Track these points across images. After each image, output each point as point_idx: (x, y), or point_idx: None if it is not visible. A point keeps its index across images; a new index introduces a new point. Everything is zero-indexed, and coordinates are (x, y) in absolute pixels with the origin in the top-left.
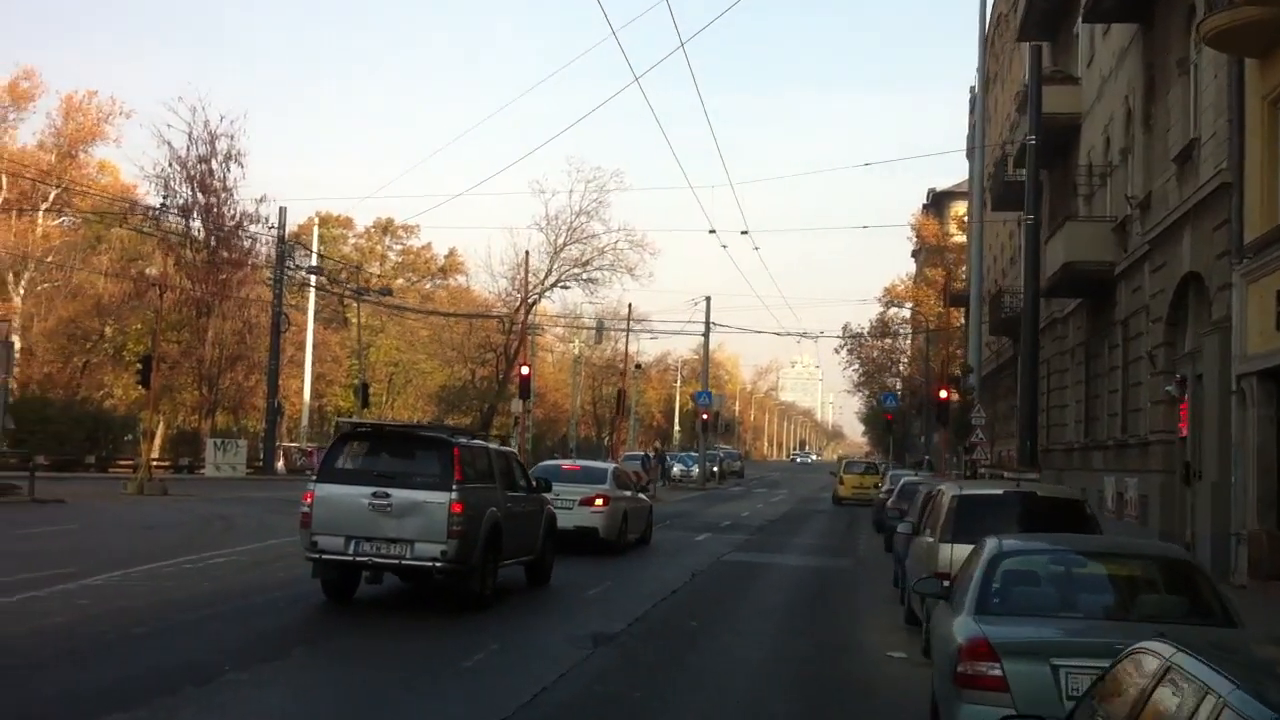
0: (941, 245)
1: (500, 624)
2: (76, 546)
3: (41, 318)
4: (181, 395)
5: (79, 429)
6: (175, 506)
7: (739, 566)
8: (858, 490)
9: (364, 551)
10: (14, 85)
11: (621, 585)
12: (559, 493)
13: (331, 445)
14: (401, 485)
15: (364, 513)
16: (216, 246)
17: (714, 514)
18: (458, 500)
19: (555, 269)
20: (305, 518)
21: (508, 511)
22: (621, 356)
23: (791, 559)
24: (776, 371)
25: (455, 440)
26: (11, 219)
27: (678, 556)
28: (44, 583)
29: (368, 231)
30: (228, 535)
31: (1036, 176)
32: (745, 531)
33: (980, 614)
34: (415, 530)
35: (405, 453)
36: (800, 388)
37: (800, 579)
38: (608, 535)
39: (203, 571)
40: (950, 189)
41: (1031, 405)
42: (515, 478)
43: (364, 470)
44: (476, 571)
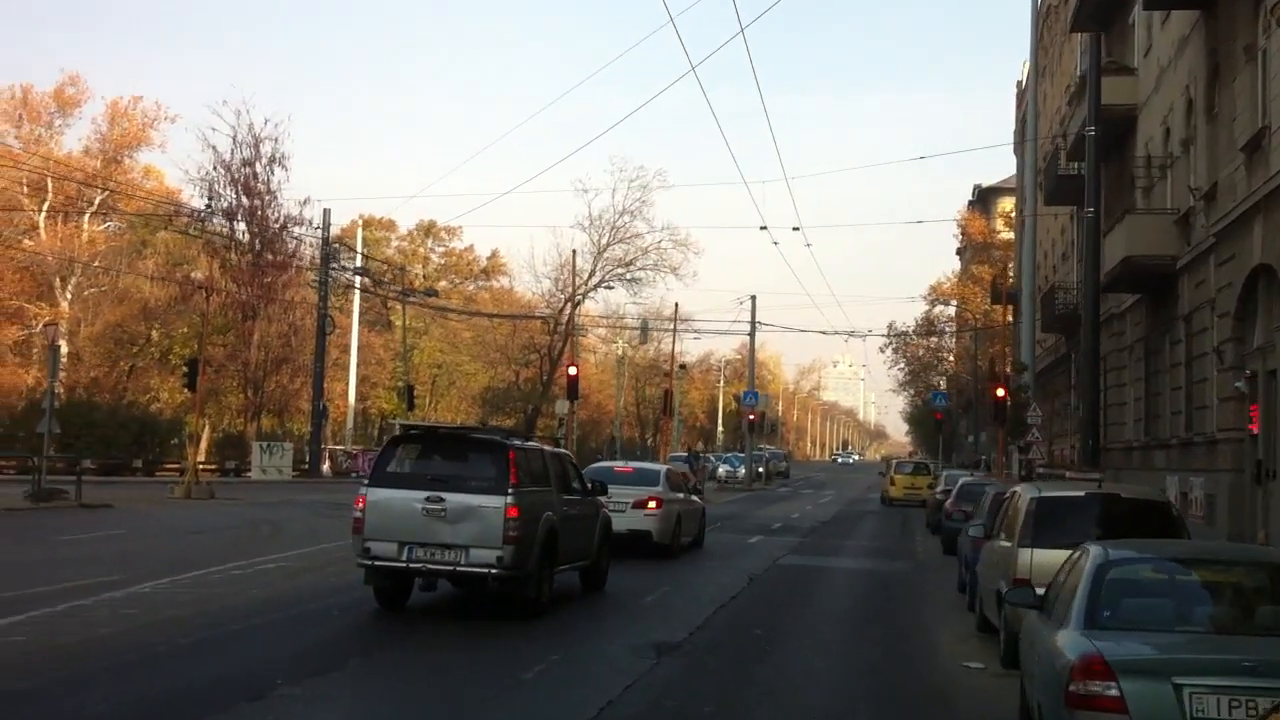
0: (988, 242)
1: (559, 632)
2: (124, 552)
3: (89, 322)
4: (227, 398)
5: (125, 433)
6: (222, 510)
7: (796, 570)
8: (909, 491)
9: (418, 558)
10: (60, 91)
11: (678, 590)
12: (611, 495)
13: (384, 448)
14: (456, 489)
15: (418, 518)
16: (261, 250)
17: (764, 516)
18: (513, 504)
19: (599, 269)
20: (357, 523)
21: (563, 515)
22: (664, 357)
23: (848, 562)
24: (819, 371)
25: (510, 443)
26: (58, 224)
27: (732, 560)
28: (91, 591)
29: (410, 234)
30: (276, 540)
31: (1096, 168)
32: (797, 534)
33: (1090, 628)
34: (470, 535)
35: (459, 456)
36: (842, 387)
37: (860, 583)
38: (661, 539)
39: (252, 578)
40: (997, 185)
41: (1093, 403)
42: (570, 481)
43: (417, 474)
44: (533, 578)
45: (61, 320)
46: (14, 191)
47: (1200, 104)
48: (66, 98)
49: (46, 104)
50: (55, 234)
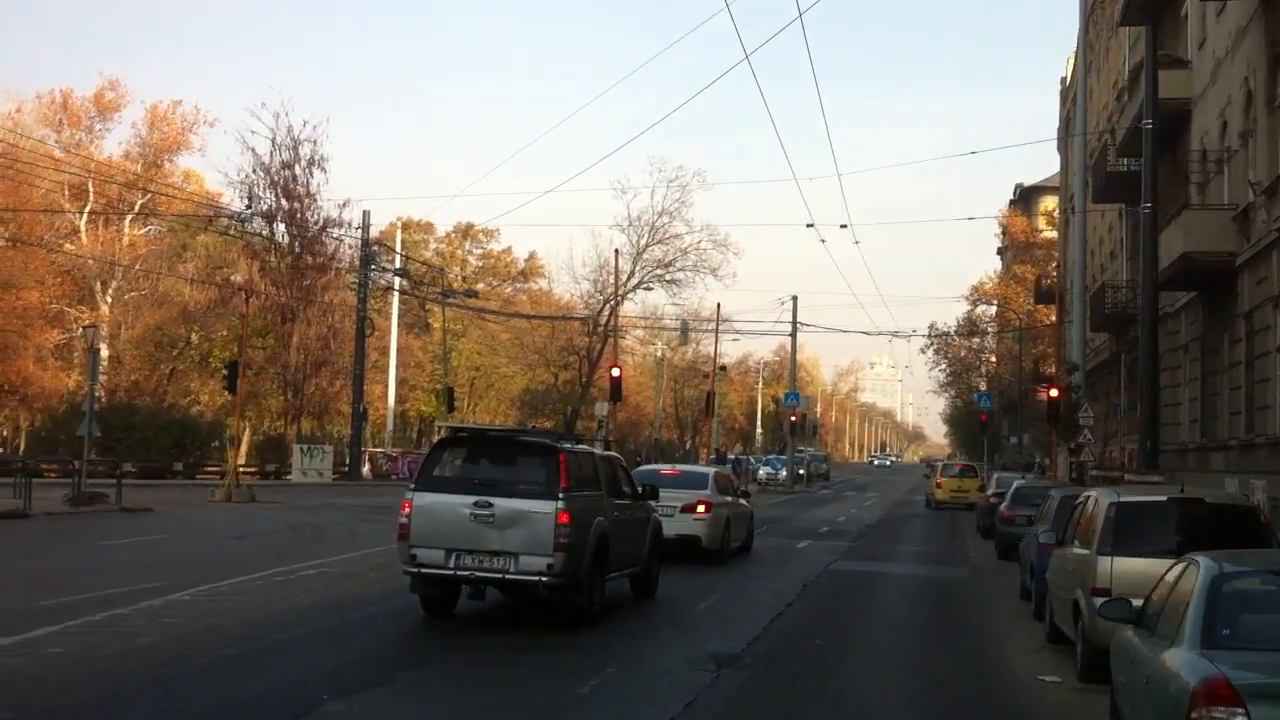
0: (1030, 241)
1: (612, 643)
2: (163, 558)
3: (129, 325)
4: (267, 401)
5: (165, 436)
6: (263, 514)
7: (850, 577)
8: (955, 494)
9: (465, 565)
10: (99, 96)
11: (731, 598)
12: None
13: (430, 452)
14: (505, 494)
15: (465, 524)
16: (300, 252)
17: (809, 519)
18: (564, 510)
19: (638, 270)
20: (403, 529)
21: (615, 521)
22: (703, 359)
23: (902, 568)
24: (857, 373)
25: (560, 446)
26: (99, 228)
27: (783, 565)
28: (130, 599)
29: (448, 236)
30: (318, 544)
31: (1153, 162)
32: (846, 538)
33: (1207, 648)
34: (520, 542)
35: (508, 459)
36: (880, 389)
37: (917, 590)
38: (710, 544)
39: (294, 584)
40: (1039, 184)
41: (1152, 404)
42: (620, 485)
43: (465, 478)
44: (584, 586)
45: (102, 324)
46: (55, 195)
47: (1260, 96)
48: (106, 102)
49: (87, 108)
50: (96, 238)
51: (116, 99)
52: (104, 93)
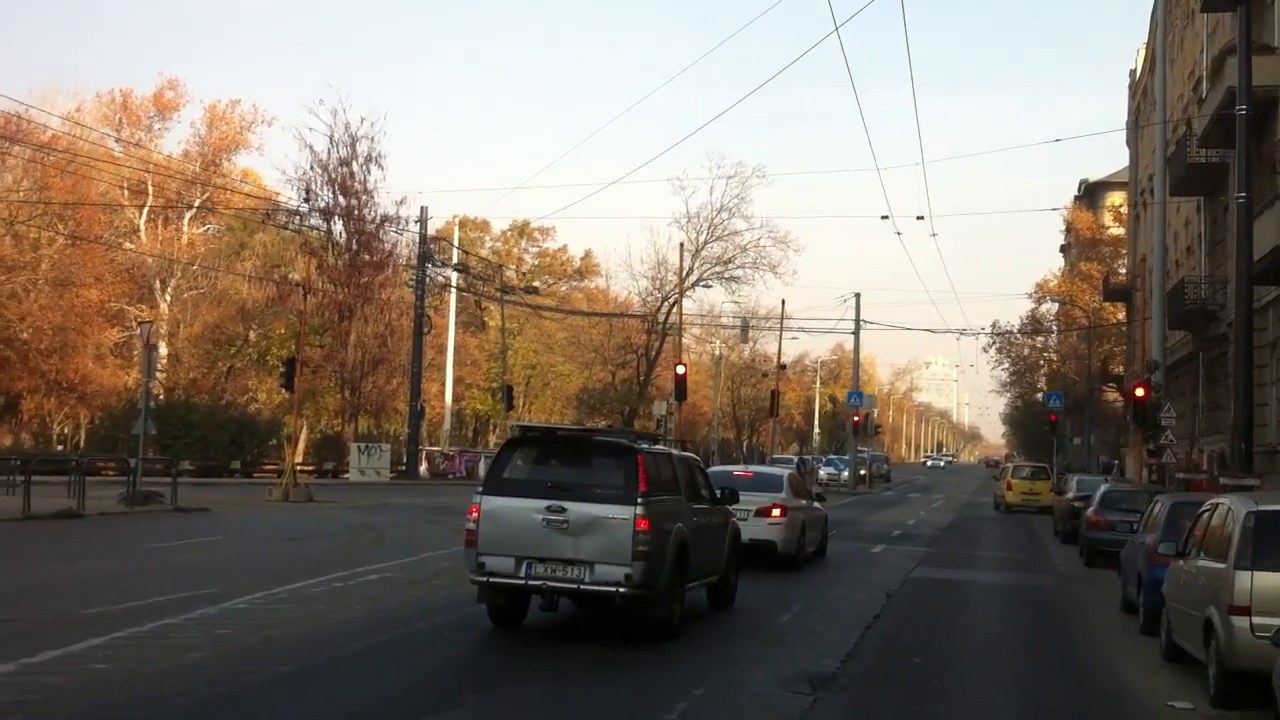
0: (1096, 238)
1: (694, 660)
2: (218, 562)
3: (187, 323)
4: (324, 399)
5: (222, 434)
6: (321, 515)
7: (933, 585)
8: (1027, 496)
9: (537, 574)
10: (159, 95)
11: (813, 608)
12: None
13: (499, 452)
14: (579, 498)
15: (537, 530)
16: (358, 250)
17: (878, 522)
18: (643, 515)
19: (696, 267)
20: (470, 535)
21: (694, 527)
22: (760, 357)
23: (986, 575)
24: (913, 372)
25: (638, 446)
26: (158, 227)
27: (860, 572)
28: (183, 606)
29: (504, 234)
30: (378, 548)
31: (1247, 150)
32: (920, 542)
33: None
34: (596, 550)
35: (582, 461)
36: (935, 388)
37: (1008, 600)
38: (786, 549)
39: (353, 591)
40: (1105, 179)
41: (1246, 403)
42: (699, 488)
43: (536, 481)
44: (664, 597)
45: (161, 322)
46: (114, 194)
47: None
48: (166, 101)
49: (146, 108)
50: (155, 236)
51: (176, 98)
52: (163, 92)
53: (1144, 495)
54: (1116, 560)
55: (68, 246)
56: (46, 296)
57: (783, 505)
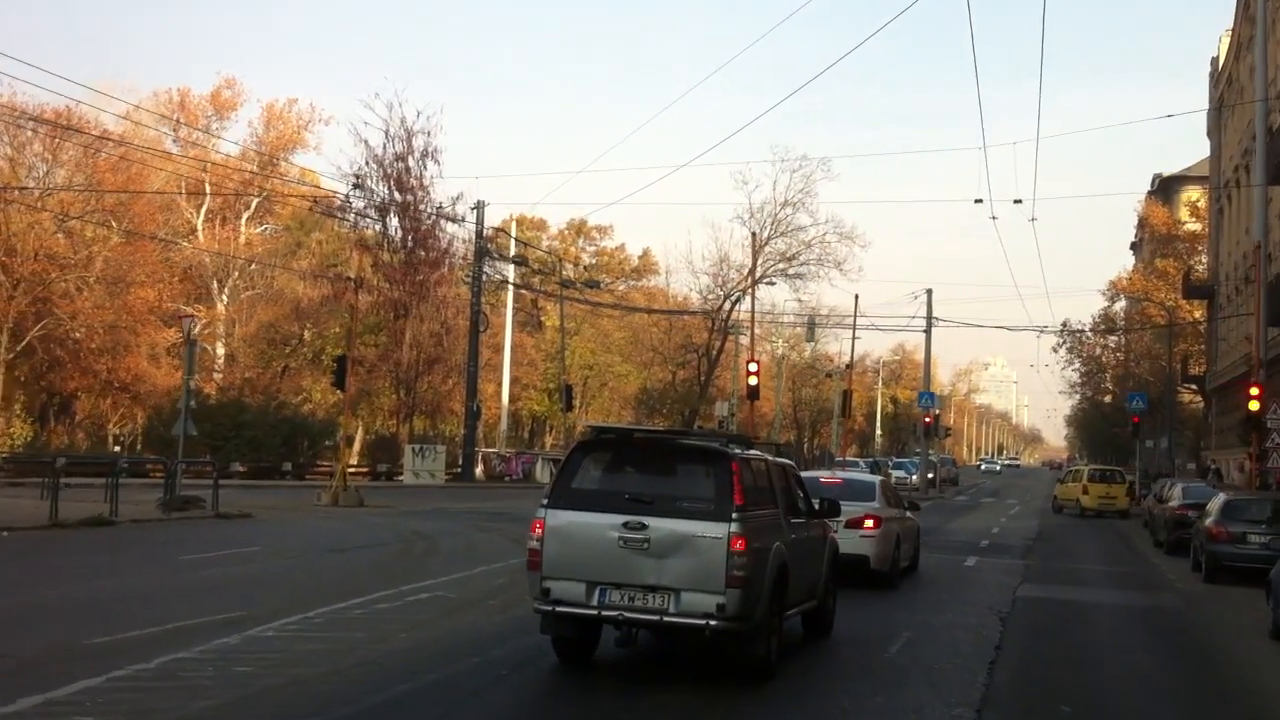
0: (1172, 234)
1: (799, 706)
2: (253, 577)
3: (243, 323)
4: (379, 399)
5: (275, 435)
6: (370, 521)
7: (1047, 607)
8: (1103, 500)
9: (612, 603)
10: (216, 94)
11: (924, 638)
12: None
13: (567, 458)
14: (662, 514)
15: (612, 550)
16: (414, 246)
17: (960, 530)
18: (739, 534)
19: (759, 264)
20: (534, 556)
21: (792, 545)
22: (823, 357)
23: (1100, 593)
24: (973, 374)
25: (731, 451)
26: (215, 227)
27: (961, 590)
28: (202, 634)
29: (561, 233)
30: (430, 560)
31: None
32: (1013, 554)
33: None
34: (682, 575)
35: (665, 469)
36: (994, 390)
37: (1136, 625)
38: (879, 565)
39: (400, 615)
40: (1180, 173)
41: None
42: (796, 499)
43: (611, 492)
44: (761, 630)
45: (218, 321)
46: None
47: None
48: (223, 101)
49: (204, 107)
50: (213, 236)
51: (233, 98)
52: (221, 91)
53: (1269, 504)
54: (1242, 576)
55: (121, 245)
56: (99, 296)
57: (877, 516)
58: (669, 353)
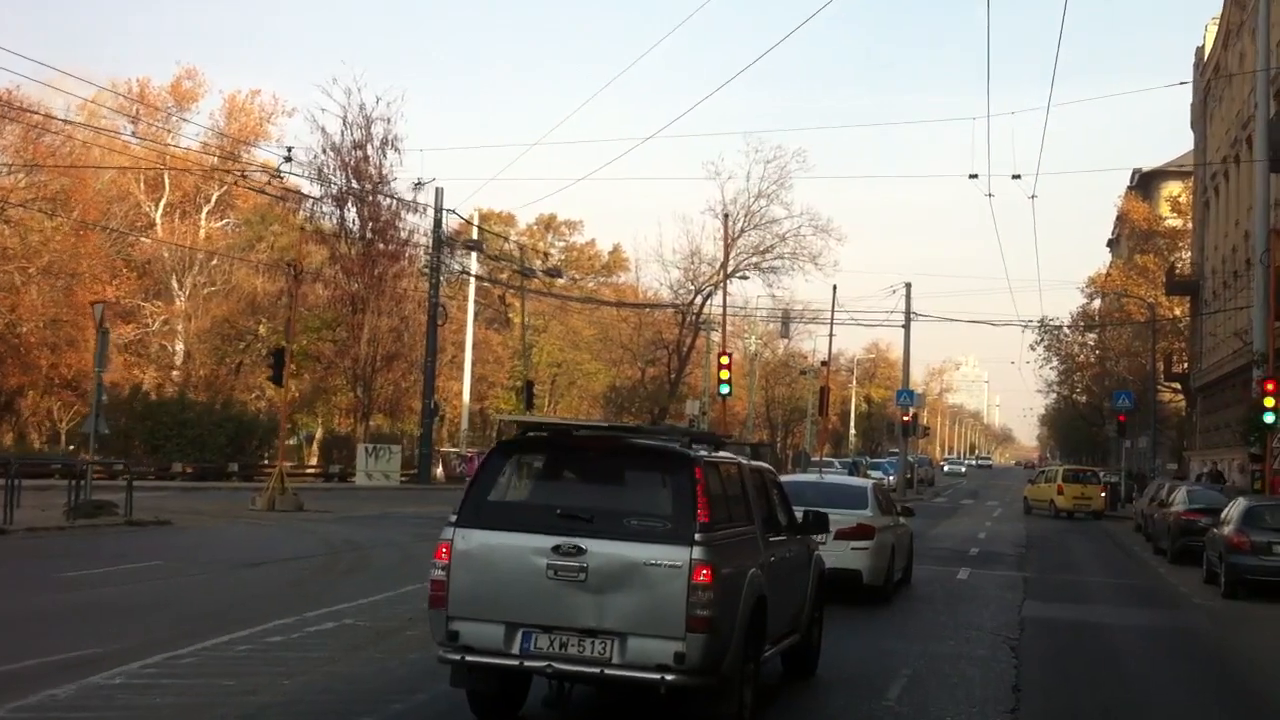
0: (1152, 229)
1: None
2: (134, 601)
3: (197, 318)
4: (337, 397)
5: (220, 434)
6: (303, 528)
7: (1060, 630)
8: (1079, 501)
9: (539, 651)
10: (176, 85)
11: (928, 675)
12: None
13: (484, 462)
14: (605, 534)
15: (539, 582)
16: (372, 238)
17: (946, 536)
18: (705, 560)
19: (732, 258)
20: (438, 589)
21: (772, 570)
22: (797, 355)
23: (1115, 613)
24: (945, 373)
25: (695, 454)
26: (175, 220)
27: (961, 611)
28: (27, 683)
29: (530, 228)
30: (355, 575)
31: None
32: (1007, 564)
33: None
34: (629, 615)
35: (611, 476)
36: (966, 389)
37: (1170, 654)
38: (873, 579)
39: (293, 651)
40: (1160, 168)
41: None
42: (775, 511)
43: (539, 506)
44: (732, 682)
45: (176, 318)
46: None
47: None
48: (184, 92)
49: (163, 99)
50: (172, 231)
51: (194, 89)
52: (181, 82)
53: None
54: (1266, 590)
55: (70, 237)
56: (45, 289)
57: (869, 525)
58: (638, 349)
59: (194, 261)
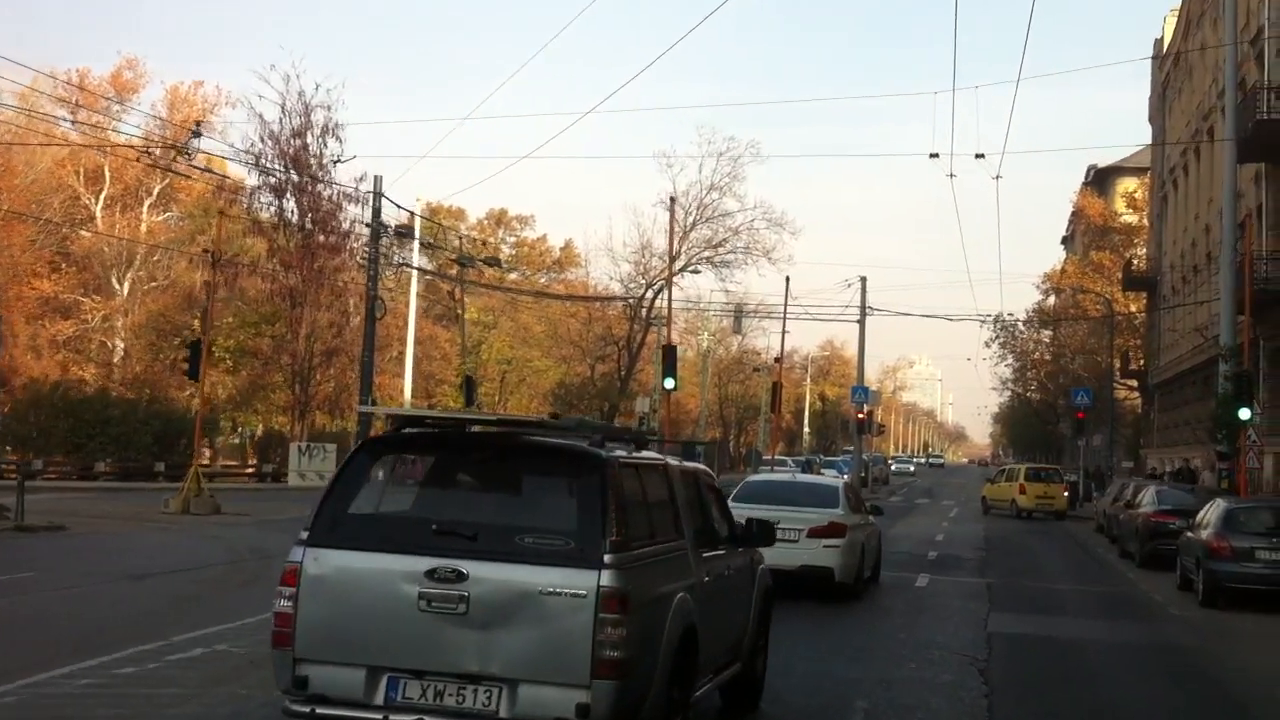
0: (1108, 226)
1: None
2: None
3: (133, 313)
4: (276, 394)
5: (145, 432)
6: (213, 534)
7: (1031, 649)
8: (1041, 500)
9: (409, 702)
10: (117, 76)
11: (885, 707)
12: (779, 521)
13: (345, 464)
14: (492, 555)
15: (410, 616)
16: (312, 230)
17: (901, 538)
18: (616, 587)
19: (684, 251)
20: (283, 623)
21: (705, 593)
22: (750, 352)
23: (1089, 627)
24: (899, 371)
25: (608, 456)
26: (116, 214)
27: (922, 626)
28: None
29: (480, 223)
30: (251, 589)
31: None
32: (968, 569)
33: None
34: (521, 658)
35: (502, 482)
36: (920, 388)
37: (1157, 678)
38: (844, 577)
39: (144, 685)
40: (1116, 165)
41: None
42: (711, 521)
43: (411, 520)
44: None
45: (116, 314)
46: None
47: None
48: (125, 82)
49: (104, 89)
50: (113, 224)
51: (135, 79)
52: (122, 72)
53: (1278, 512)
54: (1248, 599)
55: None
56: None
57: (841, 523)
58: (588, 346)
59: (134, 256)
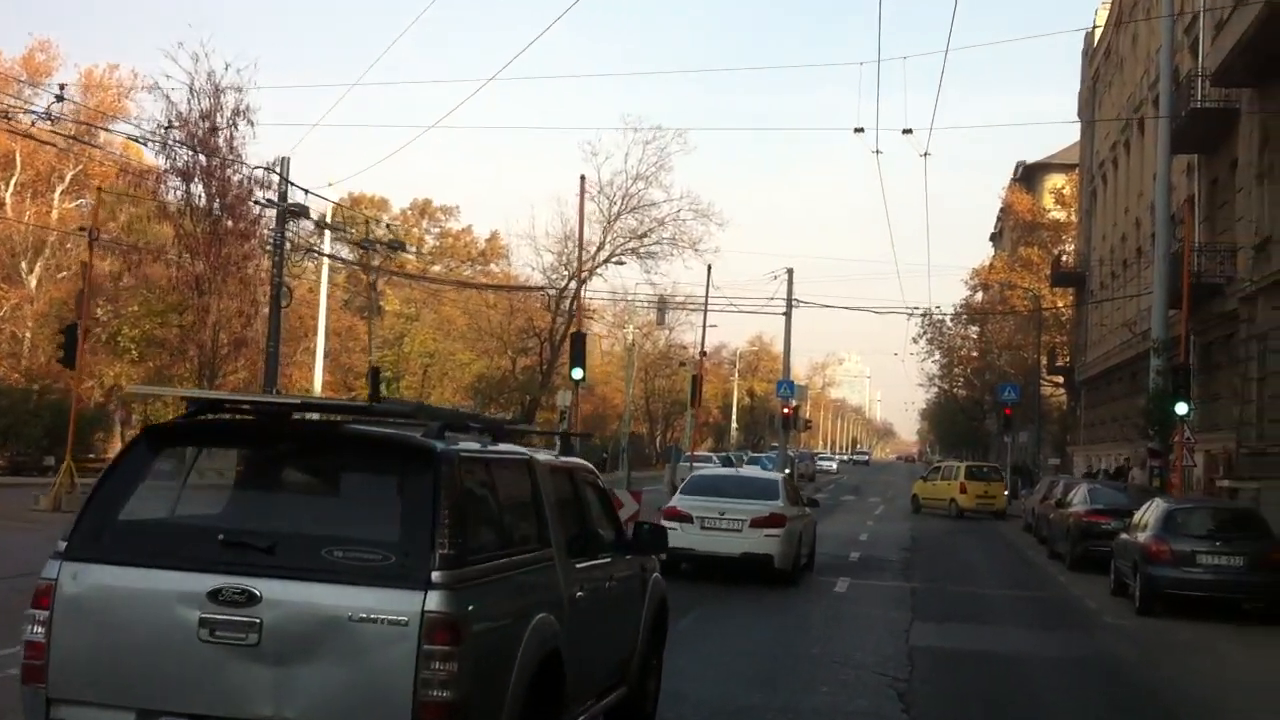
0: (1036, 222)
1: None
2: None
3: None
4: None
5: (35, 424)
6: None
7: (958, 666)
8: (982, 500)
9: None
10: (29, 58)
11: None
12: (723, 511)
13: (117, 459)
14: (290, 572)
15: (188, 647)
16: (220, 215)
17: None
18: (446, 611)
19: (608, 242)
20: (34, 654)
21: (576, 610)
22: (677, 347)
23: (1021, 639)
24: (829, 368)
25: (444, 449)
26: (26, 200)
27: (836, 638)
28: None
29: (404, 213)
30: None
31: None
32: (891, 572)
33: None
34: (327, 699)
35: (312, 481)
36: (849, 385)
37: (1095, 700)
38: (783, 564)
39: None
40: (1045, 161)
41: None
42: (593, 526)
43: (193, 530)
44: None
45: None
46: None
47: None
48: (36, 65)
49: (15, 71)
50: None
51: (48, 62)
52: (34, 54)
53: (1219, 513)
54: (1186, 606)
55: None
56: None
57: (781, 514)
58: (509, 338)
59: (45, 244)
